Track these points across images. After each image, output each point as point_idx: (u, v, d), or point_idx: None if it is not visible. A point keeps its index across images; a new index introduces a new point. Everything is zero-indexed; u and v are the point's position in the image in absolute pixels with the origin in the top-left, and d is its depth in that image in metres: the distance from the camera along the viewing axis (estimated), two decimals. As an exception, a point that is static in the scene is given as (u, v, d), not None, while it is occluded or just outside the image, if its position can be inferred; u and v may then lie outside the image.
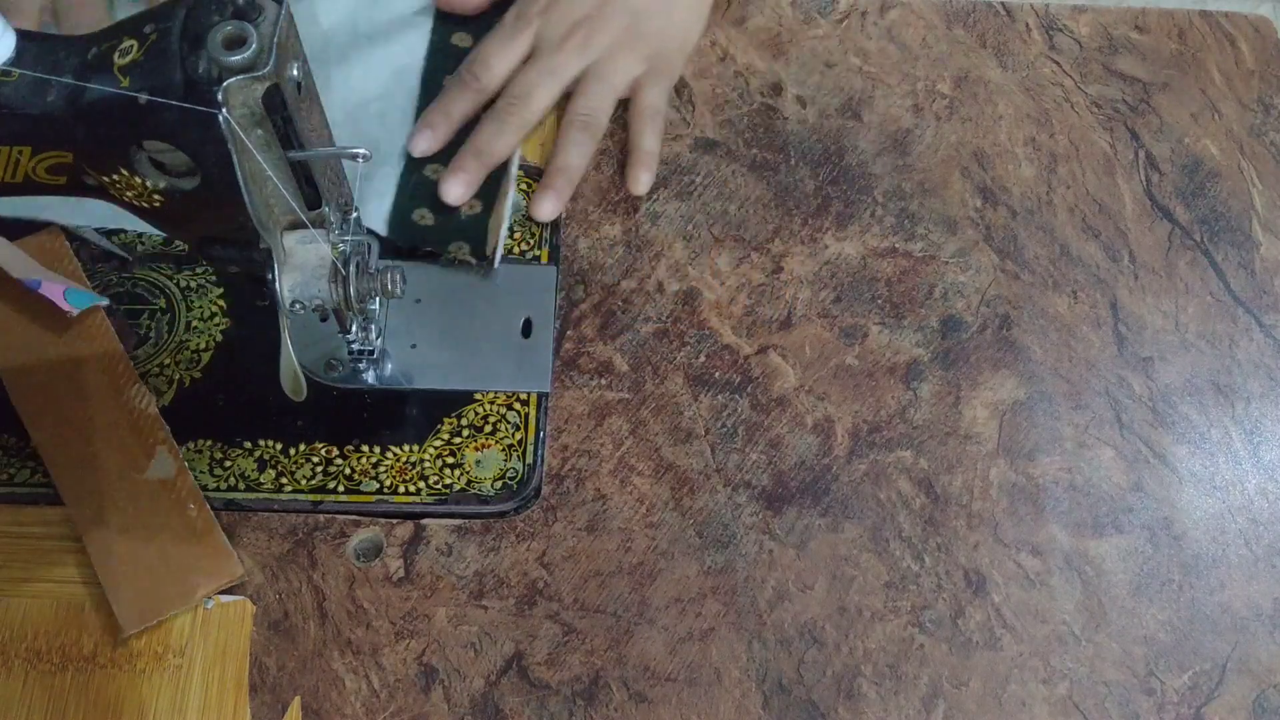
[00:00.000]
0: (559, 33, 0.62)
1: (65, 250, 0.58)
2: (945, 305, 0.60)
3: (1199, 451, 0.57)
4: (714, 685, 0.50)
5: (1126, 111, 0.66)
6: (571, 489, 0.54)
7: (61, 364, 0.54)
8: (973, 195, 0.63)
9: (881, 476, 0.55)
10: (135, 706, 0.48)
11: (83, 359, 0.55)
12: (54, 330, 0.55)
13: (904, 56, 0.68)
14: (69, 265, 0.57)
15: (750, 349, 0.58)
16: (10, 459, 0.53)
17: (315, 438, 0.54)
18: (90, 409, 0.48)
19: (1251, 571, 0.54)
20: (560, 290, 0.59)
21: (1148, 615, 0.53)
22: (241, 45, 0.38)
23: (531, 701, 0.50)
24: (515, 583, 0.52)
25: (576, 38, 0.62)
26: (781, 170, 0.63)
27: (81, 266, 0.57)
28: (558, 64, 0.62)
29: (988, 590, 0.53)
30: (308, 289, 0.47)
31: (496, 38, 0.63)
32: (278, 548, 0.52)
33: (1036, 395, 0.58)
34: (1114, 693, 0.51)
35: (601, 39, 0.62)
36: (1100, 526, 0.54)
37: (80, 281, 0.57)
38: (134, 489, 0.52)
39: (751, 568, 0.53)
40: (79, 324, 0.55)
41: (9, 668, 0.49)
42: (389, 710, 0.49)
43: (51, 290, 0.54)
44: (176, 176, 0.42)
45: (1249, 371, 0.59)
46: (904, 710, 0.50)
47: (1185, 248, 0.62)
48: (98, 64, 0.40)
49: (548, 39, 0.62)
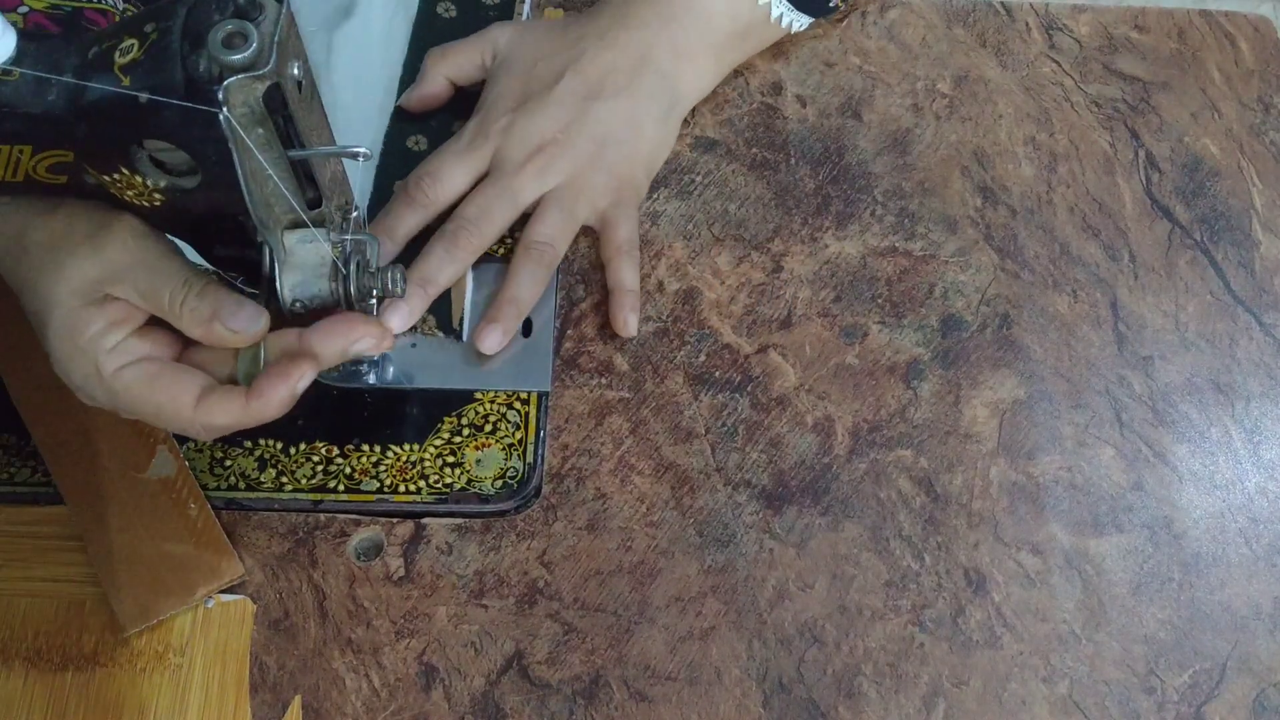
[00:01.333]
0: (520, 154, 0.57)
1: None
2: (945, 304, 0.60)
3: (1199, 450, 0.57)
4: (714, 684, 0.50)
5: (1126, 111, 0.66)
6: (572, 488, 0.54)
7: (62, 363, 0.54)
8: (973, 194, 0.63)
9: (882, 476, 0.55)
10: (135, 706, 0.48)
11: None
12: None
13: (904, 56, 0.68)
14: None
15: (750, 348, 0.58)
16: (10, 458, 0.53)
17: (315, 437, 0.54)
18: (90, 408, 0.48)
19: (1251, 570, 0.54)
20: (560, 289, 0.59)
21: (1148, 614, 0.53)
22: (242, 44, 0.38)
23: (532, 700, 0.50)
24: (515, 582, 0.52)
25: (538, 161, 0.57)
26: (781, 169, 0.63)
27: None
28: (517, 186, 0.57)
29: (988, 589, 0.53)
30: (308, 288, 0.47)
31: (452, 152, 0.58)
32: (278, 547, 0.52)
33: (1036, 394, 0.58)
34: (1114, 691, 0.51)
35: (564, 165, 0.58)
36: (1100, 525, 0.54)
37: None
38: (134, 488, 0.52)
39: (752, 567, 0.53)
40: None
41: (9, 667, 0.49)
42: (389, 709, 0.49)
43: None
44: (177, 175, 0.42)
45: (1249, 370, 0.59)
46: (904, 709, 0.50)
47: (1185, 247, 0.62)
48: (98, 63, 0.40)
49: (508, 159, 0.57)
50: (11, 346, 0.55)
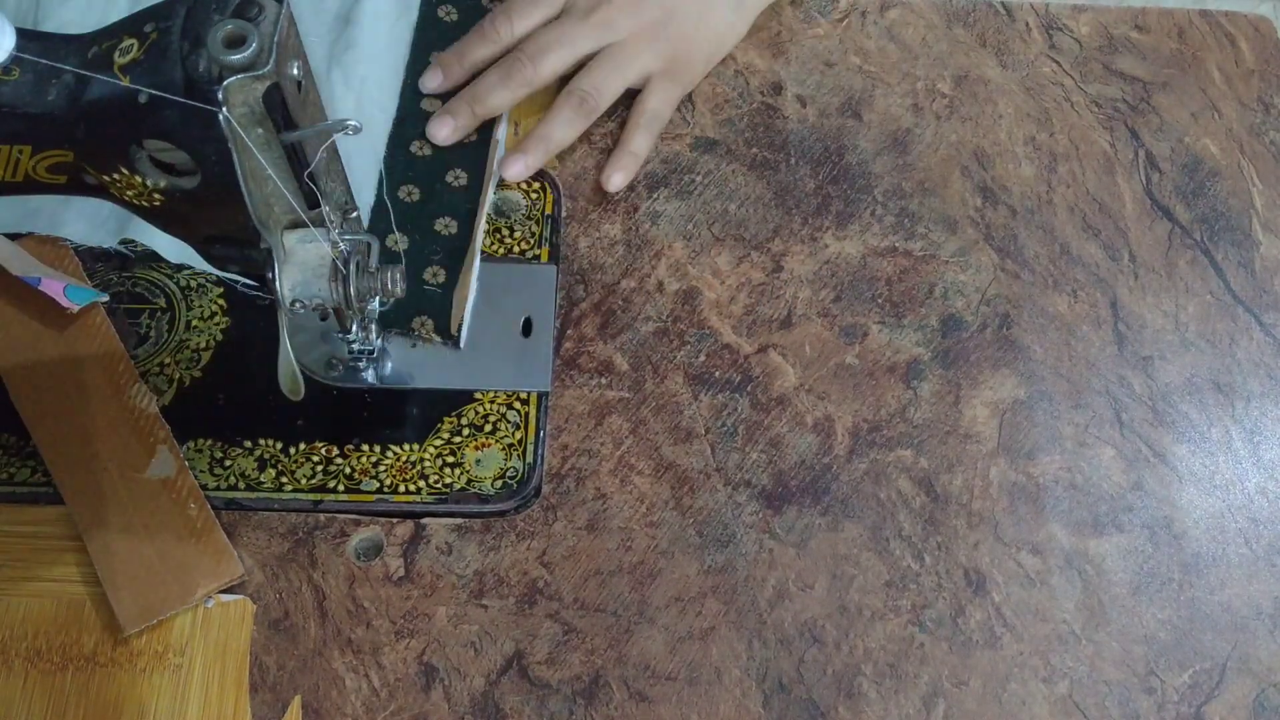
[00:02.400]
0: (589, 4, 0.62)
1: (66, 249, 0.58)
2: (945, 304, 0.60)
3: (1199, 450, 0.57)
4: (714, 684, 0.50)
5: (1126, 111, 0.66)
6: (572, 488, 0.54)
7: (62, 363, 0.54)
8: (973, 194, 0.63)
9: (882, 476, 0.55)
10: (135, 706, 0.48)
11: (83, 359, 0.55)
12: (54, 329, 0.55)
13: (904, 56, 0.68)
14: (69, 264, 0.57)
15: (750, 348, 0.58)
16: (10, 459, 0.53)
17: (315, 437, 0.54)
18: (90, 408, 0.48)
19: (1251, 570, 0.54)
20: (560, 289, 0.59)
21: (1148, 614, 0.53)
22: (242, 44, 0.38)
23: (532, 700, 0.50)
24: (515, 582, 0.52)
25: (604, 13, 0.61)
26: (781, 169, 0.63)
27: (81, 265, 0.57)
28: (577, 34, 0.61)
29: (988, 589, 0.53)
30: (308, 288, 0.47)
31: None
32: (278, 547, 0.52)
33: (1036, 394, 0.58)
34: (1114, 692, 0.51)
35: (627, 23, 0.62)
36: (1100, 525, 0.54)
37: (80, 279, 0.57)
38: (134, 488, 0.52)
39: (751, 567, 0.53)
40: (79, 322, 0.55)
41: (9, 667, 0.49)
42: (389, 709, 0.49)
43: (51, 287, 0.54)
44: (177, 175, 0.42)
45: (1249, 370, 0.59)
46: (904, 709, 0.50)
47: (1185, 247, 0.62)
48: (98, 63, 0.40)
49: (577, 6, 0.62)
50: (11, 346, 0.55)
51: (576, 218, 0.61)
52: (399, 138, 0.62)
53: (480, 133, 0.63)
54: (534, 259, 0.60)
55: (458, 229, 0.60)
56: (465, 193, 0.61)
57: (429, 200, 0.61)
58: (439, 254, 0.59)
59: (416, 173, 0.61)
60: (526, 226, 0.61)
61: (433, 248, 0.59)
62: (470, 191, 0.61)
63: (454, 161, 0.62)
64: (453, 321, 0.57)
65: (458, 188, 0.61)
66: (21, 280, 0.54)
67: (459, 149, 0.62)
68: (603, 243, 0.61)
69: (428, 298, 0.58)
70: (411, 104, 0.63)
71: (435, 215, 0.60)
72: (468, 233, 0.59)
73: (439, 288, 0.58)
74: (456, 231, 0.60)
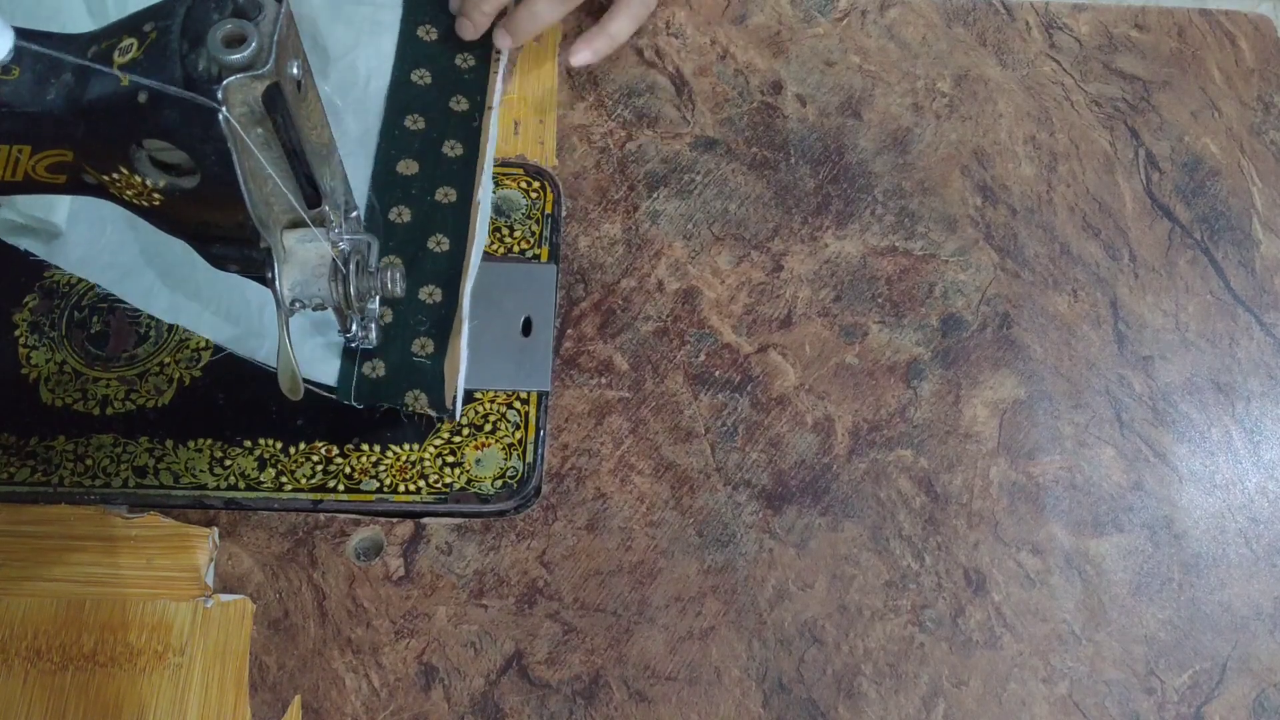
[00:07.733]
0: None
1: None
2: (945, 304, 0.60)
3: (1199, 450, 0.57)
4: (714, 684, 0.50)
5: (1126, 110, 0.66)
6: (571, 488, 0.54)
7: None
8: (973, 194, 0.63)
9: (882, 475, 0.55)
10: (135, 705, 0.48)
11: None
12: None
13: (904, 55, 0.68)
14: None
15: (750, 348, 0.58)
16: (10, 458, 0.53)
17: (315, 437, 0.54)
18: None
19: (1252, 570, 0.54)
20: (560, 289, 0.59)
21: (1148, 614, 0.53)
22: (241, 43, 0.38)
23: (531, 700, 0.50)
24: (515, 582, 0.52)
25: None
26: (781, 169, 0.63)
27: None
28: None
29: (988, 589, 0.53)
30: (308, 288, 0.47)
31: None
32: (278, 547, 0.52)
33: (1037, 394, 0.58)
34: (1114, 692, 0.51)
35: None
36: (1100, 525, 0.54)
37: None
38: None
39: (751, 567, 0.53)
40: None
41: (9, 667, 0.49)
42: (389, 709, 0.49)
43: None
44: (176, 175, 0.42)
45: (1249, 370, 0.59)
46: (904, 709, 0.50)
47: (1185, 246, 0.62)
48: (97, 62, 0.40)
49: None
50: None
51: (576, 217, 0.61)
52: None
53: (460, 189, 0.60)
54: (534, 258, 0.60)
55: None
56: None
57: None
58: (425, 324, 0.56)
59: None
60: (526, 226, 0.61)
61: (418, 317, 0.56)
62: (455, 258, 0.58)
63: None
64: (446, 394, 0.55)
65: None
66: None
67: (441, 213, 0.59)
68: (603, 242, 0.61)
69: (420, 371, 0.55)
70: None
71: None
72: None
73: (427, 359, 0.55)
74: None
